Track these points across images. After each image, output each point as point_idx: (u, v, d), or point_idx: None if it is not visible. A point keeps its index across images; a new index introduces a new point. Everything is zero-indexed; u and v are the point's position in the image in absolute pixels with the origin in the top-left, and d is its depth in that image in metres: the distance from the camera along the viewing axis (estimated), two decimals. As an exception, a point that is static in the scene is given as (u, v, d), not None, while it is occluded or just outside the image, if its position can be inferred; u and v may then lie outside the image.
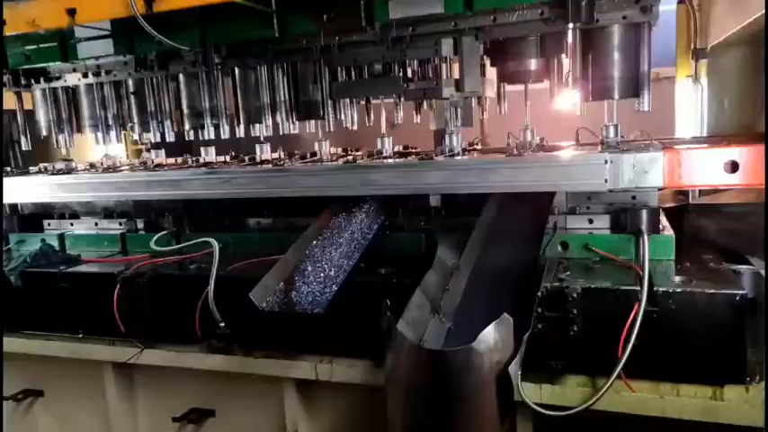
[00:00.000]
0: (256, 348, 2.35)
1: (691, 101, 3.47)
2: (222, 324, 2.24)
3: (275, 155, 2.96)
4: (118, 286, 2.48)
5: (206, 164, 2.96)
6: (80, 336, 2.63)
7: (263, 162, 2.83)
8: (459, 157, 2.39)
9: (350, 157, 2.73)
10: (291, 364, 2.30)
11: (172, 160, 3.22)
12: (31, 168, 3.39)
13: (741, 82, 3.04)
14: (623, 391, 1.83)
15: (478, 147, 2.89)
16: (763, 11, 2.15)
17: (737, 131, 2.98)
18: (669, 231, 2.19)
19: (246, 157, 3.06)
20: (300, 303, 2.20)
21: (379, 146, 2.68)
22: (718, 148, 2.00)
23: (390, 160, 2.54)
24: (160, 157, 3.17)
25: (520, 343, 1.81)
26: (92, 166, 3.33)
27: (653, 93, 2.23)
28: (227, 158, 3.16)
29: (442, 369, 1.77)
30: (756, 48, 2.83)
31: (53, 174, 3.07)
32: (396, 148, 2.78)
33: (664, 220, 2.28)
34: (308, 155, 2.94)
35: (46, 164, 3.39)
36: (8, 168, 3.58)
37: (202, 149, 3.04)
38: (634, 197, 2.23)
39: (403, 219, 2.64)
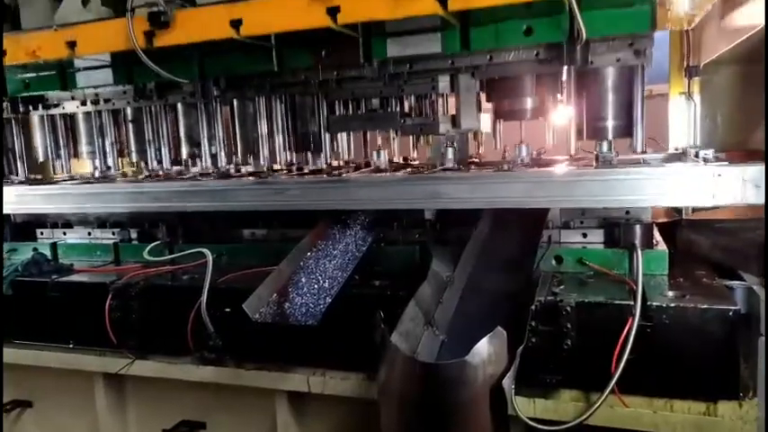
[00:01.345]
0: (249, 360, 2.33)
1: (684, 117, 3.50)
2: (215, 335, 2.22)
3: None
4: (110, 296, 2.46)
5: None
6: (71, 346, 2.61)
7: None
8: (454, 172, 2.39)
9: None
10: (284, 376, 2.28)
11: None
12: (12, 177, 3.36)
13: (733, 99, 3.08)
14: (617, 405, 1.82)
15: (476, 161, 2.89)
16: (755, 30, 2.18)
17: (729, 147, 3.01)
18: (662, 246, 2.20)
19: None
20: (294, 315, 2.19)
21: (374, 158, 2.69)
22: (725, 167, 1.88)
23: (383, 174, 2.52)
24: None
25: (513, 356, 1.80)
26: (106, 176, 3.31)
27: (647, 108, 2.25)
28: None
29: (435, 382, 1.76)
30: (748, 66, 2.87)
31: (33, 183, 3.04)
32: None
33: (657, 235, 2.29)
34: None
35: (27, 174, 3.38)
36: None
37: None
38: (628, 212, 2.25)
39: (397, 231, 2.64)
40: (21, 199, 2.90)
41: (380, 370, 1.89)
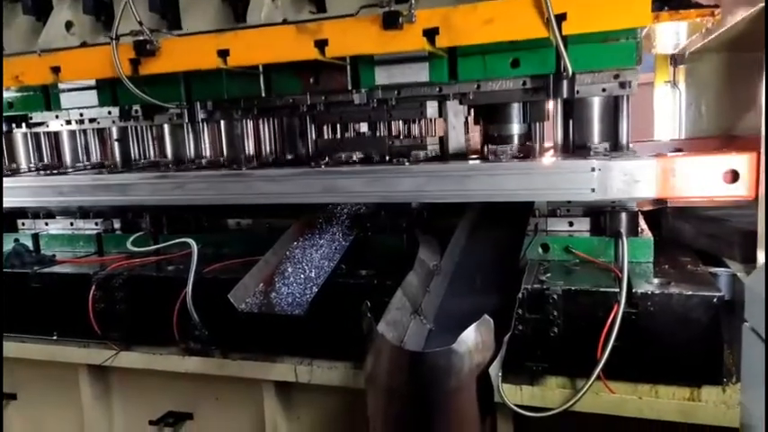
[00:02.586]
0: (235, 350, 2.32)
1: (669, 105, 3.53)
2: (200, 326, 2.21)
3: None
4: (93, 287, 2.43)
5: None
6: (54, 338, 2.58)
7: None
8: (434, 164, 2.36)
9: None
10: (271, 366, 2.27)
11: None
12: None
13: (717, 87, 3.10)
14: (602, 392, 1.84)
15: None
16: (738, 19, 2.18)
17: (714, 134, 3.03)
18: (648, 234, 2.21)
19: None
20: (280, 305, 2.18)
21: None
22: (717, 156, 1.84)
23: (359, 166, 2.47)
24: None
25: (500, 344, 1.81)
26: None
27: (632, 98, 2.26)
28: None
29: (422, 370, 1.76)
30: (732, 53, 2.88)
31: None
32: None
33: (642, 223, 2.30)
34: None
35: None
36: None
37: None
38: (613, 200, 2.25)
39: (384, 220, 2.63)
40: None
41: (367, 359, 1.89)
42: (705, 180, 1.85)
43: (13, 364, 2.71)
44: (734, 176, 1.81)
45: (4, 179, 2.84)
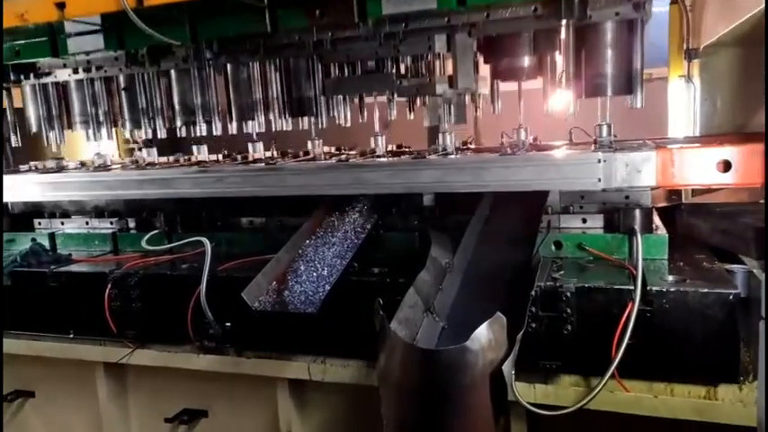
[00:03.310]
0: (249, 348, 2.33)
1: (683, 101, 3.48)
2: (214, 324, 2.22)
3: (268, 153, 2.95)
4: (109, 286, 2.45)
5: (198, 162, 2.94)
6: (71, 336, 2.61)
7: (255, 161, 2.82)
8: (452, 156, 2.38)
9: (343, 156, 2.72)
10: (284, 364, 2.28)
11: (164, 159, 3.20)
12: (21, 167, 3.36)
13: (733, 82, 3.06)
14: (617, 390, 1.83)
15: (472, 146, 2.88)
16: (754, 12, 2.16)
17: (729, 131, 3.00)
18: (662, 231, 2.19)
19: (239, 156, 3.04)
20: (293, 303, 2.18)
21: (372, 144, 2.67)
22: (711, 148, 2.01)
23: (384, 159, 2.53)
24: (152, 155, 3.14)
25: (513, 342, 1.80)
26: (83, 164, 3.30)
27: (646, 93, 2.23)
28: (220, 157, 3.14)
29: (435, 368, 1.76)
30: (748, 48, 2.84)
31: (44, 172, 3.04)
32: (389, 147, 2.77)
33: (657, 220, 2.28)
34: (302, 154, 2.92)
35: (36, 162, 3.36)
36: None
37: (194, 148, 3.02)
38: (627, 197, 2.24)
39: (396, 218, 2.63)
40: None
41: (380, 357, 1.89)
42: (700, 169, 2.00)
43: (30, 361, 2.75)
44: (725, 166, 1.96)
45: (55, 173, 2.93)
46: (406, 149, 2.94)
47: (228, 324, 2.27)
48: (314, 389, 2.37)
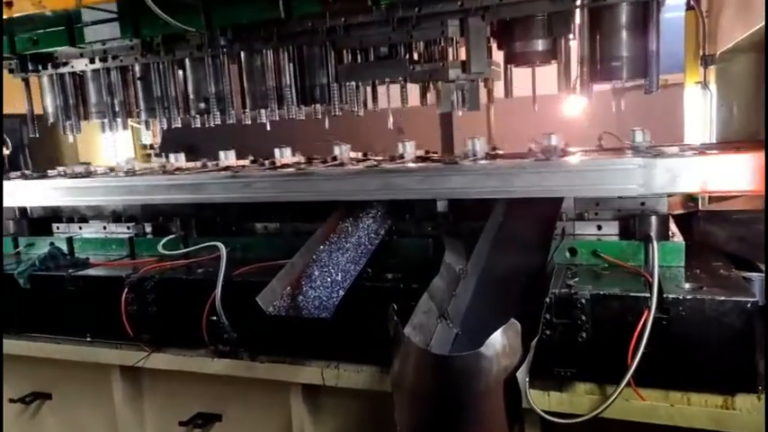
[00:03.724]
0: (263, 353, 2.35)
1: (699, 107, 3.46)
2: (229, 328, 2.24)
3: (294, 159, 2.95)
4: (125, 290, 2.48)
5: (226, 168, 2.95)
6: (88, 339, 2.64)
7: (283, 166, 2.83)
8: (482, 162, 2.38)
9: (371, 162, 2.72)
10: (298, 369, 2.29)
11: (191, 164, 3.23)
12: (49, 171, 3.40)
13: (750, 88, 3.03)
14: (632, 398, 1.81)
15: (500, 152, 2.86)
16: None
17: (746, 137, 2.97)
18: (679, 238, 2.17)
19: (266, 162, 3.05)
20: (307, 308, 2.19)
21: (400, 150, 2.68)
22: (749, 154, 1.97)
23: (418, 164, 2.51)
24: (180, 161, 3.18)
25: (528, 349, 1.79)
26: (111, 170, 3.34)
27: (661, 99, 2.23)
28: (246, 163, 3.15)
29: (448, 374, 1.76)
30: (763, 54, 2.82)
31: (72, 177, 3.08)
32: (416, 153, 2.77)
33: (673, 227, 2.26)
34: (329, 159, 2.91)
35: (64, 167, 3.41)
36: (27, 171, 3.61)
37: (221, 153, 3.03)
38: (643, 203, 2.22)
39: (410, 224, 2.63)
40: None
41: (394, 362, 1.90)
42: (738, 176, 1.95)
43: (48, 364, 2.79)
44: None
45: (82, 178, 2.98)
46: (434, 155, 2.92)
47: (243, 328, 2.28)
48: (327, 394, 2.38)
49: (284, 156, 2.86)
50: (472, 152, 2.49)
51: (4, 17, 2.66)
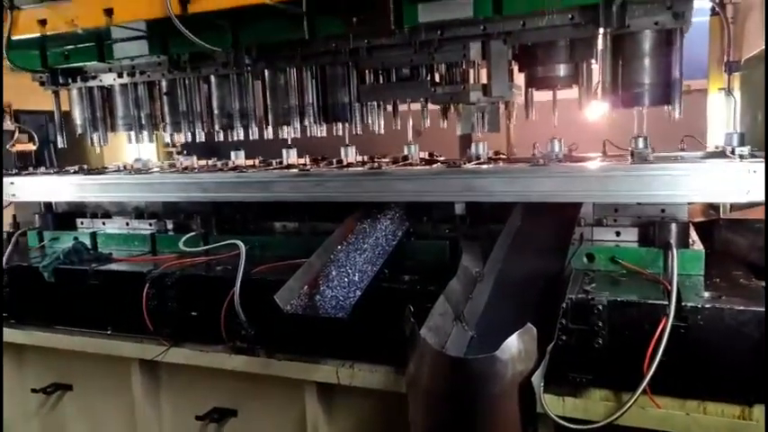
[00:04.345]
0: (279, 350, 2.37)
1: (723, 114, 3.41)
2: (247, 325, 2.27)
3: (301, 160, 3.00)
4: (147, 285, 2.53)
5: (235, 167, 3.00)
6: (109, 332, 2.70)
7: (289, 166, 2.86)
8: (486, 166, 2.39)
9: (375, 164, 2.74)
10: (313, 367, 2.32)
11: (203, 162, 3.28)
12: (109, 166, 3.47)
13: (775, 95, 2.98)
14: (648, 406, 1.81)
15: (504, 156, 2.88)
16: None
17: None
18: (699, 246, 2.16)
19: (274, 162, 3.10)
20: (324, 307, 2.21)
21: (405, 152, 2.70)
22: None
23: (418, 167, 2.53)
24: (190, 160, 3.23)
25: (543, 354, 1.80)
26: (171, 165, 3.42)
27: (684, 105, 2.20)
28: (256, 163, 3.21)
29: (464, 376, 1.76)
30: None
31: (130, 172, 3.14)
32: (421, 155, 2.79)
33: (693, 235, 2.24)
34: (335, 161, 2.96)
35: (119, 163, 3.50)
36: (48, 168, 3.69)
37: (232, 153, 3.09)
38: (663, 210, 2.21)
39: (427, 226, 2.64)
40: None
41: (409, 363, 1.91)
42: None
43: (69, 356, 2.85)
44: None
45: (145, 174, 3.04)
46: (438, 158, 2.95)
47: (260, 326, 2.31)
48: (342, 393, 2.39)
49: (349, 155, 2.85)
50: (475, 155, 2.51)
51: (38, 34, 2.75)
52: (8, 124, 4.00)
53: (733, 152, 2.18)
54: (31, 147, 4.21)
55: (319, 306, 2.22)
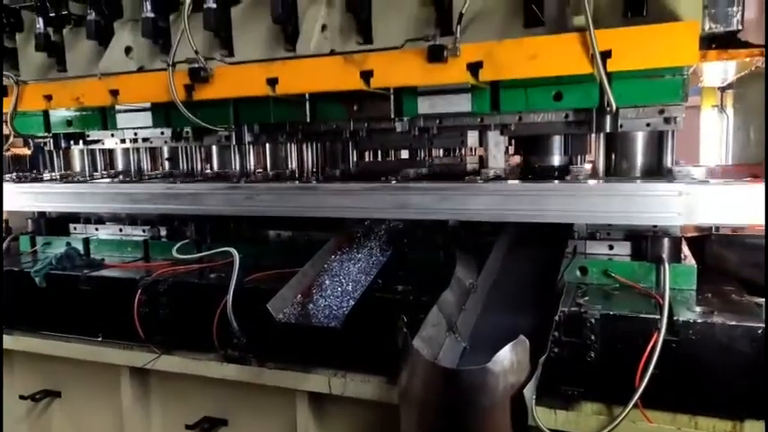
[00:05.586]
0: (271, 359, 2.36)
1: (716, 130, 3.45)
2: (239, 333, 2.26)
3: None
4: (139, 292, 2.52)
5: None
6: (99, 339, 2.67)
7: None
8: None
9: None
10: (305, 376, 2.30)
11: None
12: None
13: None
14: (639, 420, 1.81)
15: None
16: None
17: (762, 161, 2.96)
18: (691, 261, 2.17)
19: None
20: (317, 317, 2.21)
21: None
22: None
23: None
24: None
25: (535, 366, 1.79)
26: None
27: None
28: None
29: (456, 388, 1.76)
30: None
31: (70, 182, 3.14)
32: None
33: (686, 249, 2.26)
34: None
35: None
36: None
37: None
38: (655, 225, 2.22)
39: (422, 237, 2.65)
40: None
41: (402, 374, 1.90)
42: None
43: (58, 362, 2.83)
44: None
45: (79, 183, 3.05)
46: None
47: (253, 334, 2.30)
48: (333, 403, 2.38)
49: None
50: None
51: (43, 109, 2.83)
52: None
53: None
54: (26, 151, 4.20)
55: (312, 315, 2.22)
